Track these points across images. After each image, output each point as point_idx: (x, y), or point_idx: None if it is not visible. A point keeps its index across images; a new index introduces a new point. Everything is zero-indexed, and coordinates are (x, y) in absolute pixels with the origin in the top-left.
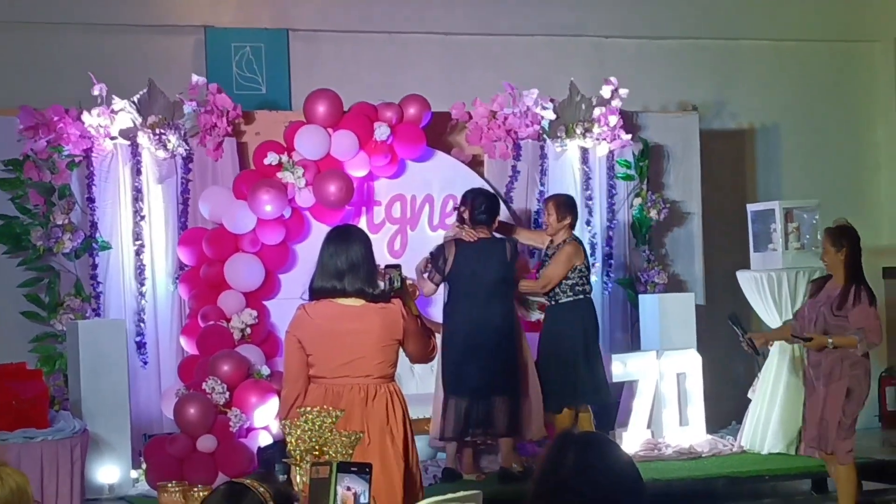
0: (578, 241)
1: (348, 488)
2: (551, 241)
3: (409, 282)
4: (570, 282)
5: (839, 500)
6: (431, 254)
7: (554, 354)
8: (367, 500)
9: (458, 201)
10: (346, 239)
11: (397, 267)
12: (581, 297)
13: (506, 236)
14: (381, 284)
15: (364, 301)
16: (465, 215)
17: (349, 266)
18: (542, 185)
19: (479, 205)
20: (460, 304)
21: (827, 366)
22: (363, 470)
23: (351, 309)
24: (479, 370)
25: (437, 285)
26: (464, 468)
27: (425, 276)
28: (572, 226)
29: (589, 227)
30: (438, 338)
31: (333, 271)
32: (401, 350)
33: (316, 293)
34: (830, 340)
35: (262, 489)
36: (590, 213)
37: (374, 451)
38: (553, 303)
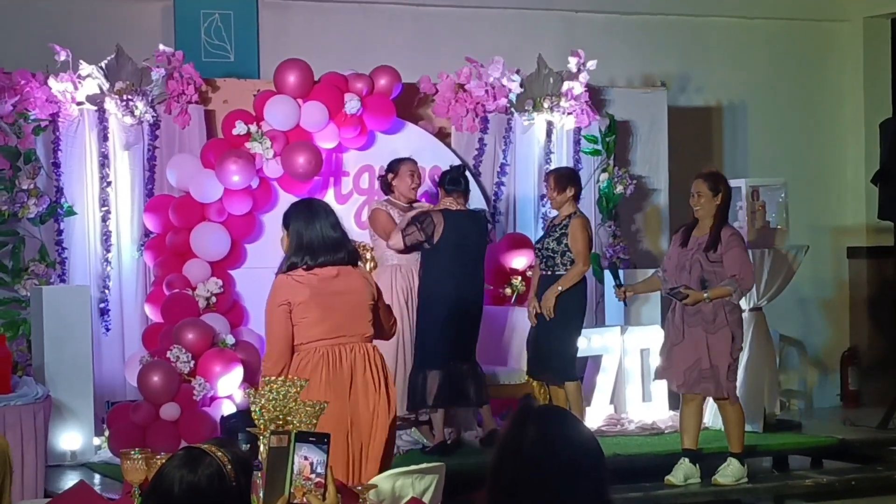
0: (584, 215)
1: (305, 458)
2: (553, 218)
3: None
4: (570, 256)
5: (730, 440)
6: (415, 218)
7: (550, 326)
8: (323, 471)
9: (387, 169)
10: (319, 210)
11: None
12: None
13: (480, 209)
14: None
15: (342, 265)
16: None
17: (328, 234)
18: (506, 158)
19: (457, 174)
20: (445, 275)
21: (710, 313)
22: (321, 440)
23: (335, 271)
24: (466, 340)
25: (410, 246)
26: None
27: (401, 231)
28: (576, 197)
29: (545, 202)
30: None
31: (317, 242)
32: None
33: (295, 266)
34: (706, 295)
35: (220, 454)
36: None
37: (381, 409)
38: (550, 273)
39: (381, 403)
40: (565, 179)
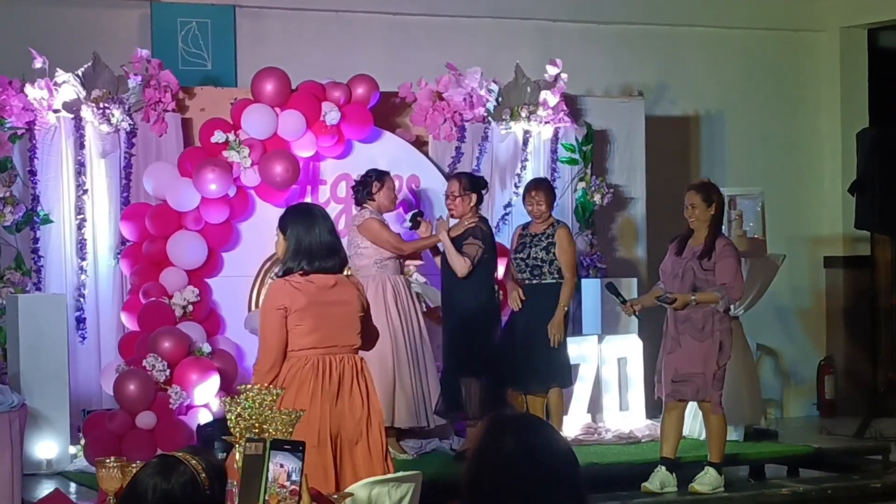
0: (564, 223)
1: (281, 465)
2: (526, 229)
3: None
4: (557, 265)
5: (711, 449)
6: (469, 233)
7: (533, 334)
8: (298, 479)
9: (373, 178)
10: (317, 216)
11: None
12: (561, 280)
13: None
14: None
15: (334, 274)
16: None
17: (325, 240)
18: (479, 165)
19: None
20: (494, 284)
21: (699, 321)
22: (296, 448)
23: (331, 279)
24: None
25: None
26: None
27: (467, 257)
28: (551, 206)
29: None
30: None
31: (316, 247)
32: None
33: (292, 271)
34: (693, 297)
35: (193, 462)
36: None
37: (371, 419)
38: (537, 282)
39: (369, 414)
40: (552, 194)
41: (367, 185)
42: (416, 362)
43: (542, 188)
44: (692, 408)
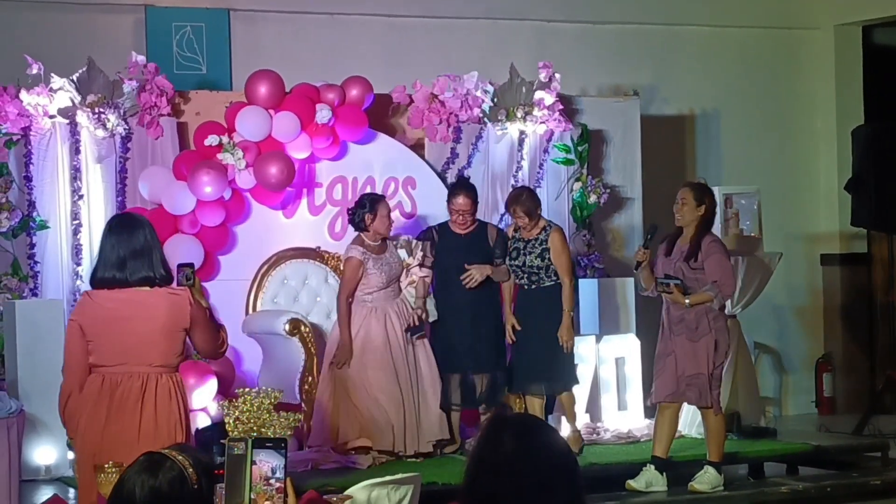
0: (557, 224)
1: (264, 463)
2: (520, 233)
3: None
4: (554, 268)
5: (710, 448)
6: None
7: (533, 337)
8: (282, 475)
9: (364, 208)
10: (129, 227)
11: (191, 265)
12: (559, 281)
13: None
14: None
15: (149, 288)
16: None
17: (132, 254)
18: (470, 165)
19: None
20: None
21: (692, 321)
22: (279, 445)
23: (137, 294)
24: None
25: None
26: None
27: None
28: (541, 210)
29: None
30: None
31: (116, 260)
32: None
33: (99, 283)
34: (687, 301)
35: (181, 457)
36: None
37: (145, 444)
38: (536, 287)
39: (155, 435)
40: (531, 203)
41: (361, 216)
42: (412, 390)
43: (518, 202)
44: (689, 406)
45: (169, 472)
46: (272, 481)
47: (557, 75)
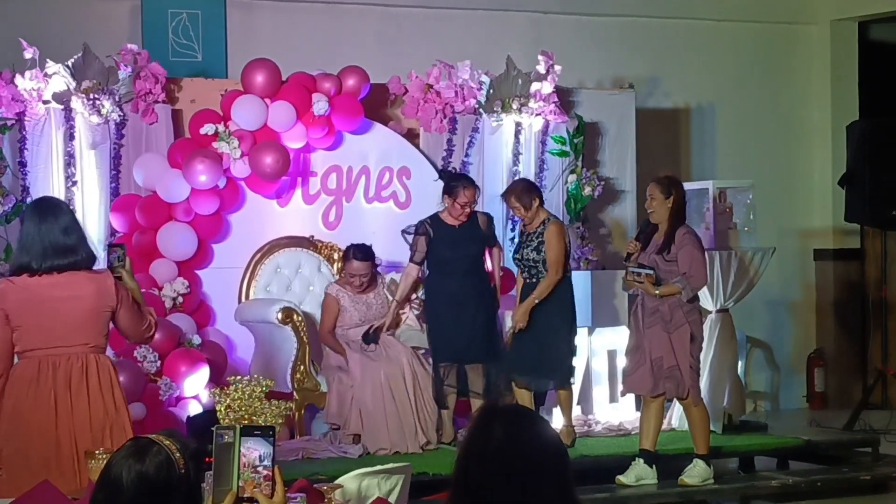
0: (558, 219)
1: (252, 450)
2: (526, 227)
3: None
4: None
5: (696, 441)
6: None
7: (524, 330)
8: (269, 463)
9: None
10: (50, 211)
11: (122, 246)
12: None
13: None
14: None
15: (73, 270)
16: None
17: (55, 237)
18: (468, 156)
19: None
20: None
21: (667, 312)
22: (267, 433)
23: (62, 277)
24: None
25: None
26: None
27: None
28: (542, 202)
29: None
30: None
31: (39, 245)
32: None
33: (22, 269)
34: (657, 292)
35: (167, 442)
36: None
37: (96, 421)
38: (536, 280)
39: (106, 413)
40: (526, 194)
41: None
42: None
43: (513, 194)
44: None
45: (156, 456)
46: (260, 469)
47: (557, 67)
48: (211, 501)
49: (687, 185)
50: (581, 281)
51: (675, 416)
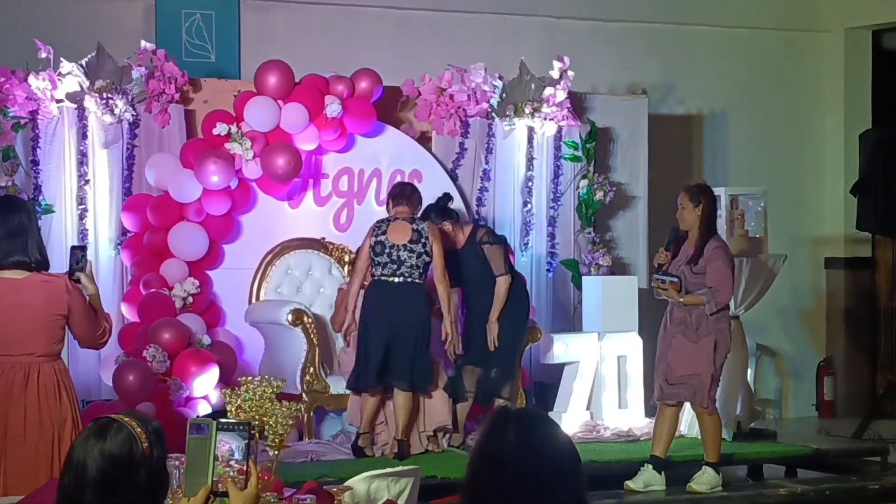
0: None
1: (226, 444)
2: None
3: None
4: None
5: (707, 449)
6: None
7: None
8: (242, 457)
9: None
10: (5, 209)
11: (83, 248)
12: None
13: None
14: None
15: (26, 273)
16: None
17: (6, 236)
18: (488, 163)
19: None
20: None
21: (694, 322)
22: (241, 428)
23: (11, 282)
24: None
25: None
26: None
27: None
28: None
29: (526, 207)
30: None
31: None
32: None
33: None
34: (681, 300)
35: (128, 419)
36: (529, 193)
37: (32, 433)
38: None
39: (41, 424)
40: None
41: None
42: None
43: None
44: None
45: (117, 433)
46: (232, 462)
47: (570, 73)
48: (182, 494)
49: None
50: (592, 286)
51: (685, 422)
